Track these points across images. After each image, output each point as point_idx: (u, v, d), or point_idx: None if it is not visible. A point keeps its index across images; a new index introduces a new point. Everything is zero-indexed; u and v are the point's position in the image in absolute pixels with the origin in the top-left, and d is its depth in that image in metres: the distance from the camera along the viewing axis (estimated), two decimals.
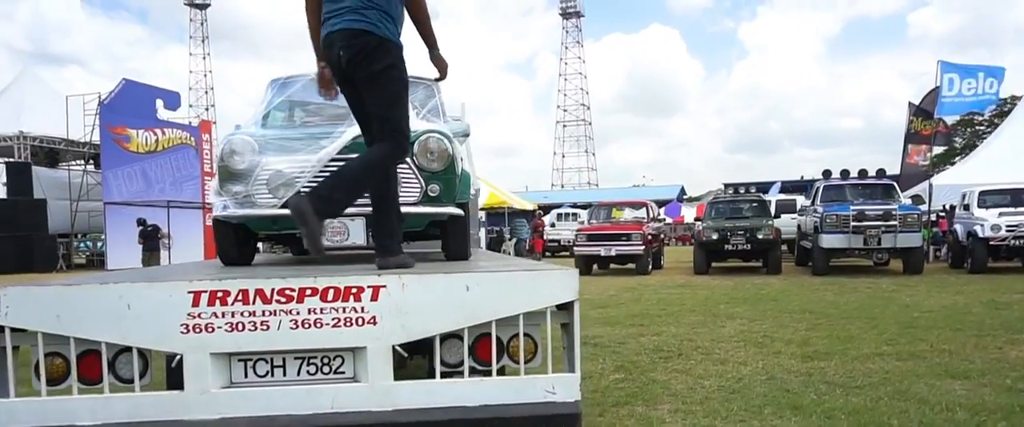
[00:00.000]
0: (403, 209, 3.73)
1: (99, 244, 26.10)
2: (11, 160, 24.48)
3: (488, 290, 2.66)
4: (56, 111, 24.94)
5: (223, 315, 2.55)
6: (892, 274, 13.80)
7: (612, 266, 16.23)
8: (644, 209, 16.86)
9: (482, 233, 18.92)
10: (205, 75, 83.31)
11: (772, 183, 45.05)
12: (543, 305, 2.69)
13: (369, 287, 2.61)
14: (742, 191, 18.84)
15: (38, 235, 22.23)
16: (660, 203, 47.70)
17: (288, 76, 4.74)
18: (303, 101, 4.52)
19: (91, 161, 25.75)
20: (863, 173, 14.88)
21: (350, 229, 3.74)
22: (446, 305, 2.63)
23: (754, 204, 15.87)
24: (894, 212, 13.11)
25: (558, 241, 24.60)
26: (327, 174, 3.68)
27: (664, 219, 19.26)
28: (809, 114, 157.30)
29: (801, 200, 19.06)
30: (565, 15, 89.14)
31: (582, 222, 20.35)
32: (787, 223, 17.59)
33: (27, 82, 28.10)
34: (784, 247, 19.46)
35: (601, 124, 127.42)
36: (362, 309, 2.60)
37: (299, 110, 4.50)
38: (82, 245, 27.78)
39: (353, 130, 3.81)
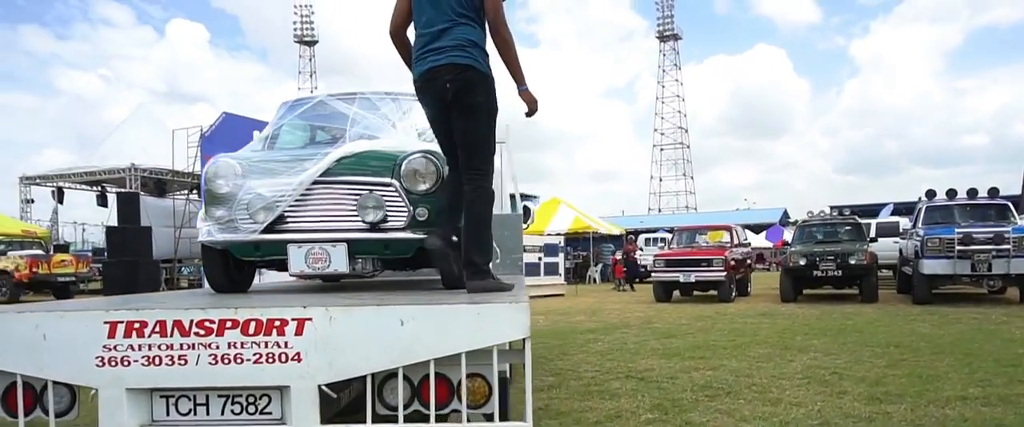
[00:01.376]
0: (387, 235, 3.50)
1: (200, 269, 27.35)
2: (122, 190, 26.08)
3: (425, 325, 2.37)
4: (165, 144, 26.43)
5: (140, 348, 2.37)
6: (1007, 303, 12.48)
7: (696, 293, 15.51)
8: (728, 233, 16.04)
9: (560, 258, 18.56)
10: None
11: (883, 205, 42.40)
12: (488, 343, 2.37)
13: (293, 320, 2.37)
14: (839, 213, 17.61)
15: (144, 260, 23.44)
16: (761, 227, 45.91)
17: (297, 98, 4.63)
18: (309, 123, 4.38)
19: (194, 190, 27.11)
20: (973, 193, 13.61)
21: (332, 256, 3.53)
22: (378, 341, 2.36)
23: (847, 227, 14.79)
24: (1007, 235, 11.86)
25: (645, 267, 23.84)
26: (308, 198, 3.52)
27: (748, 243, 18.24)
28: (928, 132, 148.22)
29: (904, 222, 17.68)
30: (662, 38, 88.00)
31: (662, 247, 19.66)
32: (889, 247, 16.32)
33: (141, 118, 30.00)
34: (889, 273, 18.14)
35: (703, 147, 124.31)
36: (286, 344, 2.36)
37: (303, 132, 4.36)
38: (185, 270, 29.20)
39: (338, 152, 3.64)
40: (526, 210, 8.98)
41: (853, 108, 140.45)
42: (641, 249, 25.44)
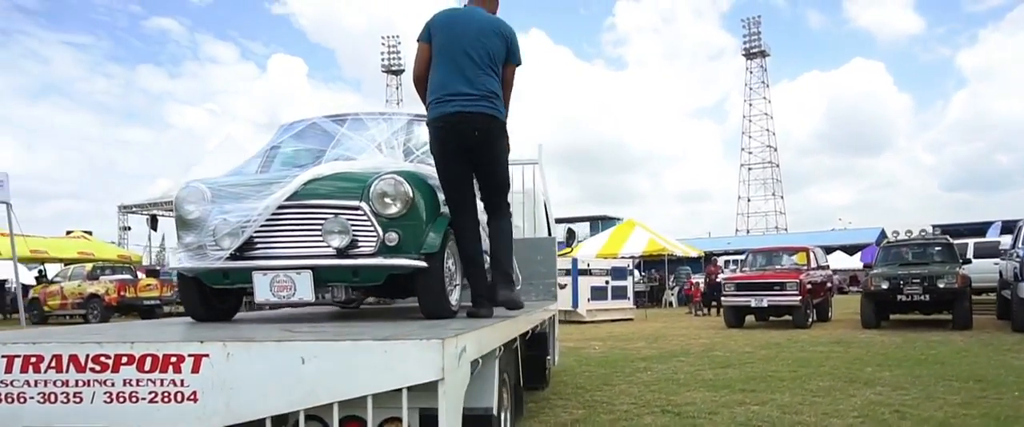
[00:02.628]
0: (356, 262, 3.30)
1: None
2: (166, 214, 27.25)
3: (327, 364, 2.13)
4: None
5: (36, 383, 2.23)
6: None
7: (772, 319, 14.68)
8: (805, 255, 15.14)
9: (629, 281, 17.98)
10: None
11: (990, 223, 39.54)
12: (395, 385, 2.11)
13: (189, 356, 2.18)
14: (935, 233, 16.35)
15: None
16: (856, 248, 43.58)
17: (294, 120, 4.53)
18: (298, 145, 4.25)
19: None
20: None
21: (297, 284, 3.34)
22: (277, 381, 2.13)
23: (938, 247, 13.69)
24: None
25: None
26: (275, 223, 3.36)
27: (827, 266, 17.14)
28: None
29: (1006, 241, 16.25)
30: (748, 55, 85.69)
31: (734, 270, 18.76)
32: (989, 269, 15.01)
33: (228, 147, 31.36)
34: (991, 297, 16.69)
35: (796, 166, 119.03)
36: (181, 382, 2.17)
37: (293, 154, 4.23)
38: None
39: (306, 174, 3.47)
40: (570, 233, 8.67)
41: (961, 121, 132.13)
42: (723, 271, 24.50)
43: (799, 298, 13.35)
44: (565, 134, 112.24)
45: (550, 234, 8.32)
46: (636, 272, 26.95)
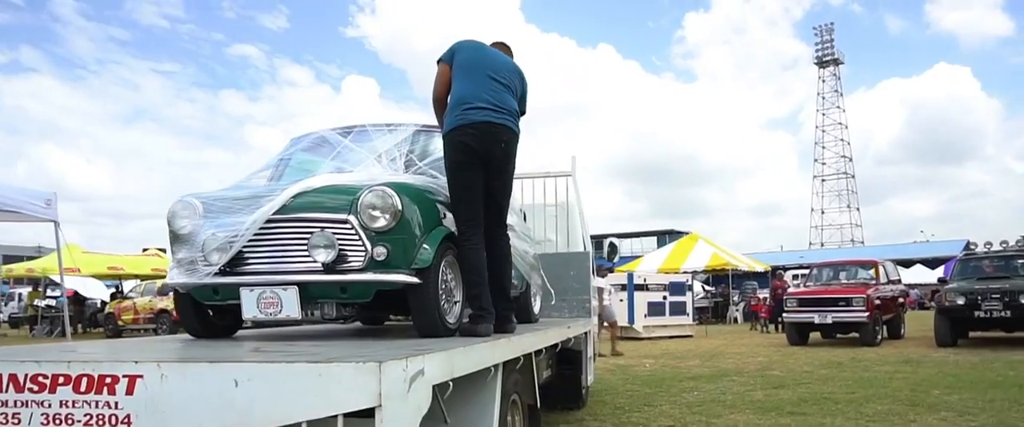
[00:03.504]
0: (343, 278, 3.18)
1: None
2: None
3: (261, 388, 1.98)
4: None
5: None
6: None
7: (838, 336, 13.95)
8: (874, 269, 14.34)
9: (688, 296, 17.43)
10: None
11: None
12: (329, 412, 1.94)
13: (124, 377, 2.07)
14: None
15: None
16: (939, 261, 41.32)
17: (304, 133, 4.46)
18: (303, 158, 4.17)
19: None
20: None
21: (283, 300, 3.23)
22: (210, 405, 2.00)
23: (1021, 260, 12.76)
24: None
25: None
26: (264, 237, 3.26)
27: (899, 280, 16.17)
28: None
29: None
30: (821, 64, 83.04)
31: (798, 284, 17.92)
32: None
33: None
34: None
35: (875, 176, 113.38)
36: (116, 405, 2.06)
37: (296, 166, 4.14)
38: None
39: (296, 187, 3.36)
40: (612, 247, 8.40)
41: None
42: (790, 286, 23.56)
43: (866, 314, 12.63)
44: (633, 148, 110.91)
45: (585, 248, 8.09)
46: (700, 287, 26.26)
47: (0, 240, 23.05)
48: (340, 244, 3.22)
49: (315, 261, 3.21)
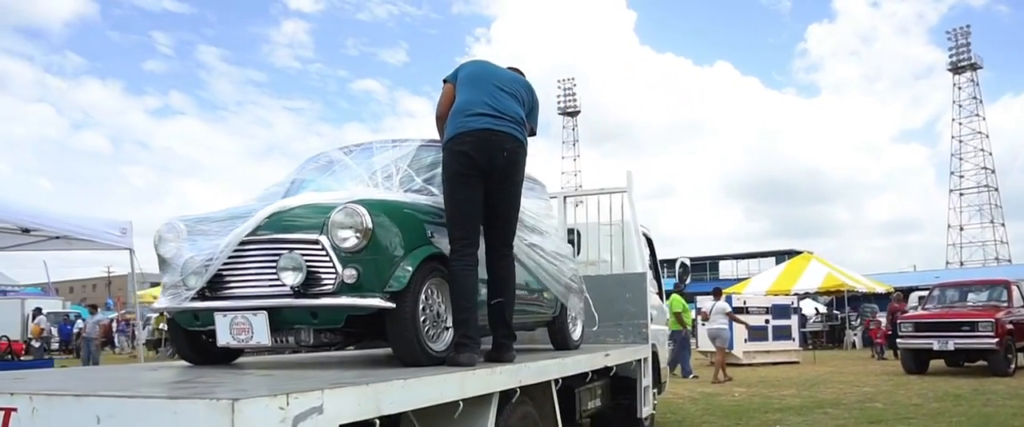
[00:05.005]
0: (313, 302, 2.99)
1: None
2: None
3: (120, 424, 1.79)
4: None
5: None
6: None
7: (966, 364, 12.58)
8: (1006, 290, 12.84)
9: (794, 320, 16.29)
10: (574, 175, 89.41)
11: None
12: None
13: (1, 410, 1.93)
14: None
15: None
16: None
17: (317, 153, 4.34)
18: (307, 177, 4.04)
19: None
20: None
21: (253, 326, 3.07)
22: None
23: None
24: None
25: None
26: (239, 260, 3.13)
27: None
28: None
29: None
30: (956, 70, 76.98)
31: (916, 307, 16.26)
32: None
33: None
34: None
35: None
36: None
37: (294, 188, 4.00)
38: None
39: (271, 207, 3.22)
40: (684, 267, 7.87)
41: None
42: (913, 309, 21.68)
43: (995, 340, 11.30)
44: (753, 166, 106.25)
45: (653, 269, 7.60)
46: (813, 310, 24.69)
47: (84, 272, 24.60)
48: (310, 266, 3.02)
49: (282, 284, 3.03)
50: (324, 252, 3.02)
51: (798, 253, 38.25)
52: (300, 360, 4.10)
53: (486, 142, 3.37)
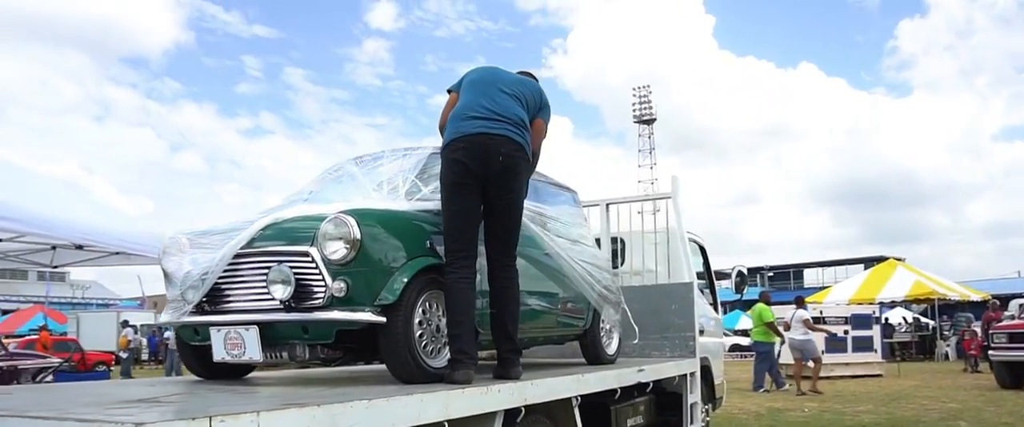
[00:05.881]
0: (303, 316, 2.91)
1: None
2: None
3: None
4: None
5: None
6: None
7: None
8: None
9: (875, 330, 15.37)
10: (652, 183, 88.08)
11: None
12: None
13: None
14: None
15: None
16: None
17: (333, 165, 4.27)
18: (320, 189, 3.96)
19: None
20: None
21: (245, 341, 3.00)
22: None
23: None
24: None
25: None
26: (234, 274, 3.07)
27: None
28: None
29: None
30: None
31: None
32: None
33: None
34: None
35: None
36: None
37: (306, 200, 3.94)
38: None
39: (265, 220, 3.16)
40: (741, 276, 7.48)
41: None
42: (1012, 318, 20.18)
43: None
44: (840, 170, 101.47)
45: (707, 279, 7.25)
46: (900, 319, 23.39)
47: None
48: (300, 279, 2.93)
49: (273, 298, 2.95)
50: (314, 264, 2.93)
51: (877, 259, 36.38)
52: (309, 375, 4.02)
53: (480, 146, 3.19)
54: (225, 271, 3.10)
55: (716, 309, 7.21)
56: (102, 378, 9.43)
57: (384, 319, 2.90)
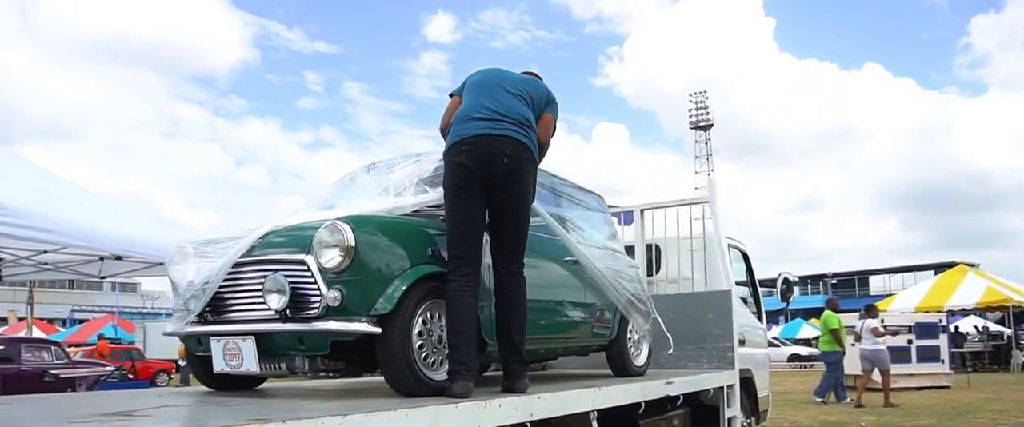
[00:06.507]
0: (298, 327, 2.83)
1: None
2: None
3: None
4: None
5: None
6: None
7: None
8: None
9: (943, 340, 14.58)
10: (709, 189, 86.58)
11: None
12: None
13: None
14: None
15: None
16: None
17: (349, 172, 4.21)
18: (332, 197, 3.90)
19: None
20: None
21: (243, 352, 2.94)
22: None
23: None
24: None
25: None
26: (235, 283, 3.03)
27: None
28: None
29: None
30: None
31: None
32: None
33: None
34: None
35: None
36: None
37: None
38: None
39: (265, 228, 3.10)
40: (787, 283, 7.16)
41: None
42: None
43: None
44: (910, 173, 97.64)
45: (751, 287, 6.95)
46: (972, 328, 22.28)
47: None
48: (296, 288, 2.85)
49: (269, 308, 2.88)
50: (309, 273, 2.84)
51: (959, 266, 34.81)
52: (320, 387, 3.94)
53: (482, 148, 3.04)
54: (225, 280, 3.04)
55: (760, 318, 6.90)
56: (144, 386, 9.62)
57: (379, 329, 2.79)
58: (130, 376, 11.77)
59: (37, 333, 22.44)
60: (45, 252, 6.65)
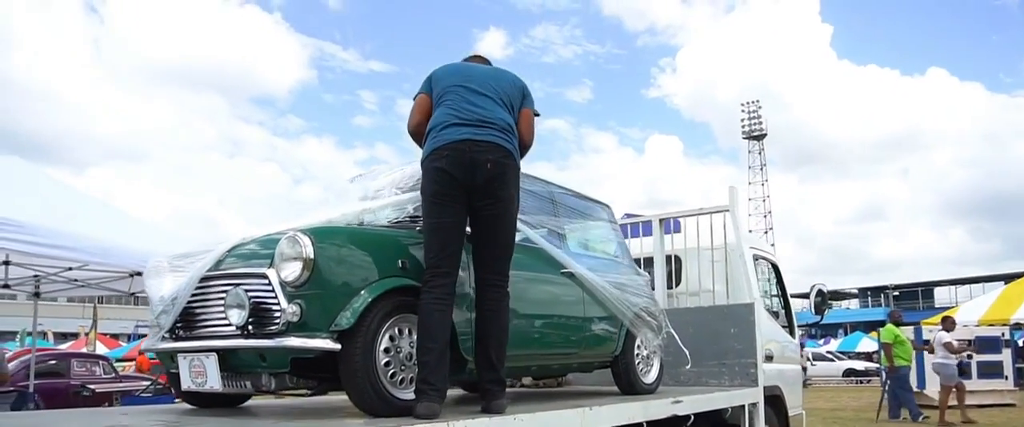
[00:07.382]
0: (258, 343, 2.73)
1: None
2: None
3: None
4: None
5: None
6: None
7: None
8: None
9: (1006, 354, 13.76)
10: (763, 200, 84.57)
11: None
12: None
13: None
14: None
15: None
16: None
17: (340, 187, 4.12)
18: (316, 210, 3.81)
19: None
20: None
21: (207, 369, 2.84)
22: None
23: None
24: None
25: None
26: (203, 297, 2.95)
27: None
28: None
29: None
30: None
31: None
32: None
33: None
34: None
35: None
36: None
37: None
38: None
39: (234, 240, 3.02)
40: (821, 295, 6.81)
41: None
42: None
43: None
44: (979, 180, 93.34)
45: (783, 300, 6.63)
46: None
47: None
48: (258, 303, 2.75)
49: (231, 323, 2.78)
50: (270, 287, 2.74)
51: (998, 277, 32.97)
52: (303, 405, 3.83)
53: (463, 154, 2.92)
54: (193, 295, 2.97)
55: (792, 333, 6.56)
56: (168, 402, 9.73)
57: (339, 346, 2.67)
58: (167, 390, 11.93)
59: (100, 347, 23.13)
60: (70, 269, 6.75)
